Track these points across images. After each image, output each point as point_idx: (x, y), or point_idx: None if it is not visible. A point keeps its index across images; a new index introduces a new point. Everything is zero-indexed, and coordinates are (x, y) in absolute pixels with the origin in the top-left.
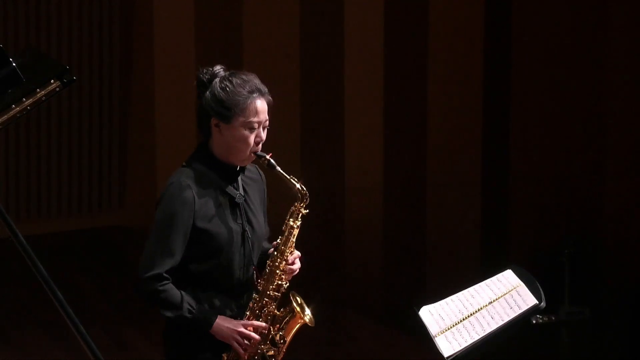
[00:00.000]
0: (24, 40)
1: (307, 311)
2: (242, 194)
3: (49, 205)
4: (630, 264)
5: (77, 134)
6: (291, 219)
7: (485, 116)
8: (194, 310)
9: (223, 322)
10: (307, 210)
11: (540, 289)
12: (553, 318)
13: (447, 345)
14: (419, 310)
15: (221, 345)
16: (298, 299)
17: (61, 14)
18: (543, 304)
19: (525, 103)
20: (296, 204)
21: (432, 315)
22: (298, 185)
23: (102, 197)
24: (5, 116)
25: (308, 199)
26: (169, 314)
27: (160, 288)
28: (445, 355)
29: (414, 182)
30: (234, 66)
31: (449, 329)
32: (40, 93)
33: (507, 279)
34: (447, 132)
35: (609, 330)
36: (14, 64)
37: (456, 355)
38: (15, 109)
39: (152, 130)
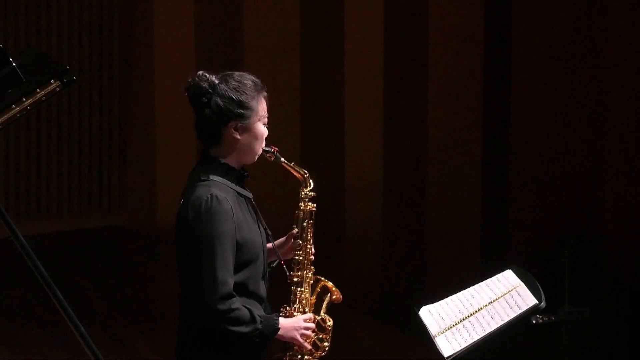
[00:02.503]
0: (24, 40)
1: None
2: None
3: (49, 205)
4: (630, 264)
5: (77, 134)
6: (301, 204)
7: (485, 116)
8: (262, 320)
9: (285, 322)
10: (314, 193)
11: (540, 289)
12: (553, 318)
13: (447, 345)
14: (419, 310)
15: (241, 356)
16: (321, 278)
17: (61, 14)
18: (543, 304)
19: (525, 103)
20: (302, 188)
21: (432, 315)
22: (300, 171)
23: (102, 197)
24: (5, 116)
25: (311, 182)
26: (245, 329)
27: (234, 307)
28: (445, 355)
29: (414, 182)
30: (234, 66)
31: (449, 329)
32: (40, 93)
33: (507, 279)
34: (447, 131)
35: (609, 330)
36: (14, 64)
37: (456, 355)
38: (15, 109)
39: (152, 130)
